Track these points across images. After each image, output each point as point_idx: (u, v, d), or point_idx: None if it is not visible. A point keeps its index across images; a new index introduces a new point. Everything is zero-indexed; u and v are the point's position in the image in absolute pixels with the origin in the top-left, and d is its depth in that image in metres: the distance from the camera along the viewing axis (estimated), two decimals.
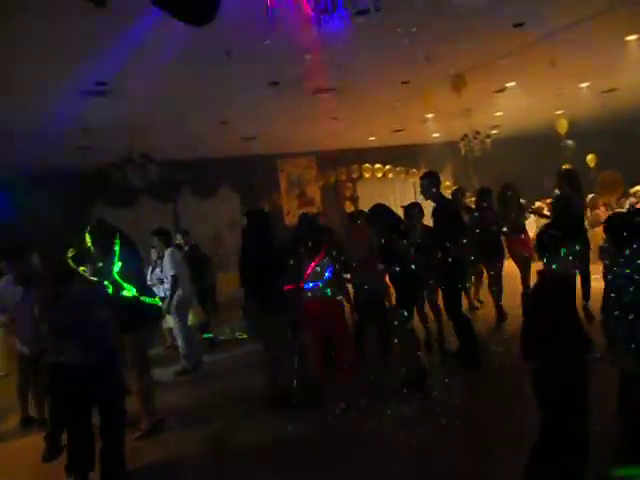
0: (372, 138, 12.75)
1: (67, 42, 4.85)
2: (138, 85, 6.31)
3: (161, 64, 5.63)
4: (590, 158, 13.14)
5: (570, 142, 12.38)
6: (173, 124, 8.32)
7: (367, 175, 14.08)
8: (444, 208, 5.57)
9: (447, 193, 13.64)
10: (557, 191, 6.98)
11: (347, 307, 5.91)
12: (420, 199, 6.39)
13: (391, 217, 5.19)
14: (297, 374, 4.95)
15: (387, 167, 14.14)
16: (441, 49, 6.52)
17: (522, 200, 7.96)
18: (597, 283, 5.44)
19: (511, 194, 7.20)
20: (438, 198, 5.60)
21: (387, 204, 5.68)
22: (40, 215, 9.47)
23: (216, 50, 5.40)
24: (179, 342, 6.69)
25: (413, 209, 6.06)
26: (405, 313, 4.90)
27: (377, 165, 13.93)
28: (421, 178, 5.78)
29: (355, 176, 14.00)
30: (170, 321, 6.82)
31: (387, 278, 5.46)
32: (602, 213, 9.78)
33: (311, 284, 5.05)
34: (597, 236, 7.60)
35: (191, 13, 2.21)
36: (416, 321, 6.07)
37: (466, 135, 10.64)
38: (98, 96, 6.47)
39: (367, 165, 13.92)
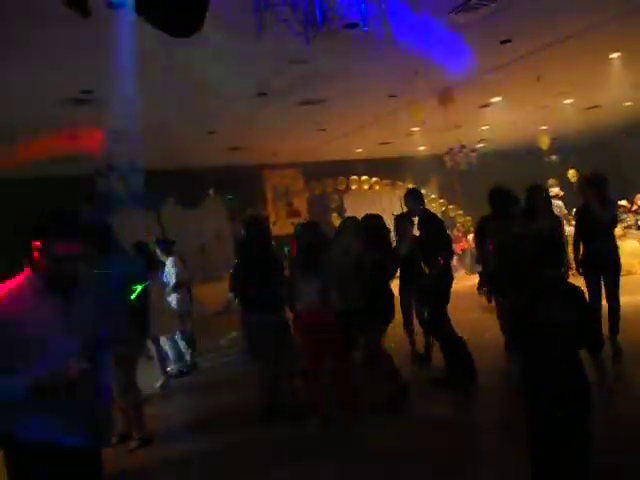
0: (359, 150, 12.80)
1: (54, 49, 4.80)
2: (124, 93, 6.27)
3: (149, 72, 5.60)
4: (571, 173, 13.29)
5: (554, 157, 12.54)
6: (160, 133, 8.27)
7: (354, 187, 14.10)
8: (429, 222, 5.54)
9: (432, 206, 13.88)
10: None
11: None
12: None
13: (385, 229, 5.17)
14: (289, 388, 4.87)
15: (374, 179, 14.18)
16: (430, 64, 6.58)
17: None
18: None
19: (542, 198, 5.70)
20: (422, 213, 5.58)
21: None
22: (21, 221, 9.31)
23: (205, 59, 5.38)
24: (169, 347, 6.73)
25: (403, 220, 5.99)
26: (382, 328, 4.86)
27: (364, 177, 13.96)
28: (404, 196, 5.77)
29: (342, 188, 14.01)
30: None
31: None
32: None
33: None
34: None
35: (175, 25, 2.19)
36: (402, 334, 6.10)
37: (452, 148, 10.72)
38: (84, 104, 6.41)
39: (354, 177, 13.94)
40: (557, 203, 10.09)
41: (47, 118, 6.85)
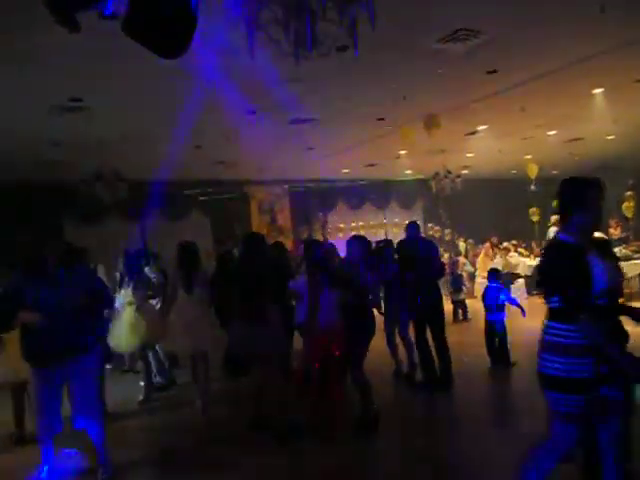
0: (346, 170, 12.89)
1: (42, 55, 4.79)
2: (113, 103, 6.28)
3: (138, 84, 5.62)
4: (556, 203, 13.50)
5: (533, 187, 12.73)
6: (147, 144, 8.25)
7: (339, 206, 14.22)
8: (428, 248, 6.01)
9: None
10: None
11: None
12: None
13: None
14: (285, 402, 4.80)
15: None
16: (418, 90, 6.70)
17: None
18: None
19: None
20: (419, 238, 6.18)
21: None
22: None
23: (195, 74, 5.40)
24: (151, 359, 6.56)
25: (385, 247, 6.49)
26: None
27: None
28: (405, 228, 6.21)
29: (327, 206, 14.10)
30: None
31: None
32: None
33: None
34: None
35: (162, 45, 2.19)
36: (385, 352, 6.17)
37: (437, 173, 10.85)
38: (72, 112, 6.39)
39: (339, 195, 14.08)
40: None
41: (33, 126, 6.81)
